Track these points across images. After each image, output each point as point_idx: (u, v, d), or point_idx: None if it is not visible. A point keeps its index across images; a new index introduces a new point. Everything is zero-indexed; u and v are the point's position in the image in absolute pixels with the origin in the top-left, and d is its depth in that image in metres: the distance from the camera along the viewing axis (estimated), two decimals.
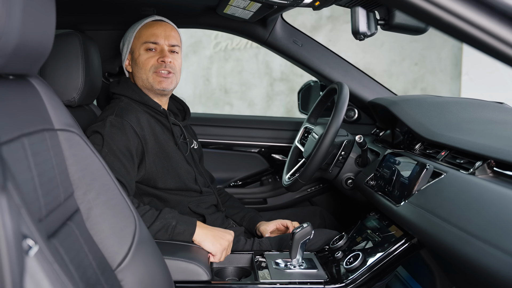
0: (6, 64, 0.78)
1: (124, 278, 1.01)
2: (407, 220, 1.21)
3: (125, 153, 1.44)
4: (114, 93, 1.64)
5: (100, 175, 1.04)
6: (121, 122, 1.47)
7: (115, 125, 1.46)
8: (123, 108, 1.54)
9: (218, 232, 1.43)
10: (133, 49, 1.65)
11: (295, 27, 2.07)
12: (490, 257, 0.84)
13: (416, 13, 0.65)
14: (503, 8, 0.59)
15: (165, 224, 1.37)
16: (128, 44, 1.67)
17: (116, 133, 1.45)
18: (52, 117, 0.97)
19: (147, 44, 1.61)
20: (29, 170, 0.80)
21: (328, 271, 1.39)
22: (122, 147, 1.44)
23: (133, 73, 1.66)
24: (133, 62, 1.65)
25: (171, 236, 1.37)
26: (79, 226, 0.96)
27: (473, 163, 1.14)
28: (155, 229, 1.35)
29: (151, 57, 1.61)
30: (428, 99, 1.75)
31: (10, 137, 0.76)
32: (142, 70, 1.61)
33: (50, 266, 0.65)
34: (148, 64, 1.60)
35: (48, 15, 0.86)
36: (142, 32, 1.63)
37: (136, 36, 1.64)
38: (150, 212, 1.38)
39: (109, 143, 1.43)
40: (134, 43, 1.64)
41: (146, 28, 1.64)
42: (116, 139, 1.44)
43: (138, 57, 1.62)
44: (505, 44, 0.59)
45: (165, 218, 1.38)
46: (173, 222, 1.38)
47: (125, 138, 1.46)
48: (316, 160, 1.56)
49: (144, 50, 1.61)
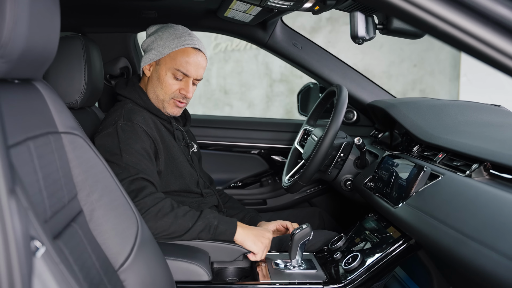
0: (13, 69, 0.79)
1: (127, 278, 1.03)
2: (405, 222, 1.23)
3: (144, 154, 1.44)
4: (119, 94, 1.63)
5: (102, 177, 1.06)
6: (131, 125, 1.47)
7: (126, 130, 1.45)
8: (129, 110, 1.53)
9: (258, 231, 1.45)
10: (161, 63, 1.59)
11: (295, 30, 2.09)
12: (486, 258, 0.86)
13: (412, 22, 0.67)
14: (496, 18, 0.60)
15: (208, 224, 1.38)
16: (157, 54, 1.59)
17: (129, 137, 1.44)
18: (56, 120, 0.99)
19: (177, 72, 1.56)
20: (35, 172, 0.82)
21: (327, 271, 1.41)
22: (139, 149, 1.44)
23: (150, 80, 1.62)
24: (155, 72, 1.60)
25: (213, 236, 1.39)
26: (82, 227, 0.98)
27: (470, 165, 1.15)
28: (198, 229, 1.37)
29: (175, 84, 1.58)
30: (426, 101, 1.77)
31: (16, 140, 0.78)
32: (162, 90, 1.59)
33: (57, 267, 0.66)
34: (170, 90, 1.58)
35: (53, 20, 0.88)
36: (177, 56, 1.57)
37: (171, 55, 1.57)
38: (191, 212, 1.39)
39: (127, 148, 1.42)
40: (165, 60, 1.58)
41: (183, 55, 1.57)
42: (131, 143, 1.43)
43: (164, 76, 1.58)
44: (499, 52, 0.61)
45: (207, 218, 1.39)
46: (215, 222, 1.39)
47: (140, 140, 1.45)
48: (315, 162, 1.58)
49: (171, 74, 1.57)
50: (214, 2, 1.68)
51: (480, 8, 0.62)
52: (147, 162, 1.43)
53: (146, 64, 1.62)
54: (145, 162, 1.43)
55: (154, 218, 1.33)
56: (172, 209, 1.37)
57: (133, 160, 1.40)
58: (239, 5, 1.53)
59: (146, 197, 1.35)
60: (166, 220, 1.34)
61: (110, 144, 1.44)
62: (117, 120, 1.48)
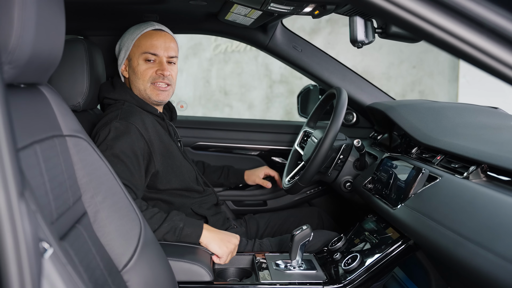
0: (20, 74, 0.81)
1: (130, 279, 1.05)
2: (404, 223, 1.25)
3: (130, 156, 1.44)
4: (109, 98, 1.63)
5: (106, 179, 1.08)
6: (126, 125, 1.48)
7: (119, 129, 1.46)
8: (127, 111, 1.54)
9: (224, 235, 1.46)
10: (131, 56, 1.64)
11: (295, 33, 2.11)
12: (482, 259, 0.88)
13: (410, 29, 0.68)
14: (491, 26, 0.62)
15: (173, 226, 1.39)
16: (126, 50, 1.65)
17: (120, 137, 1.45)
18: (60, 123, 1.01)
19: (146, 55, 1.60)
20: (41, 175, 0.84)
21: (327, 272, 1.43)
22: (126, 150, 1.44)
23: (129, 79, 1.66)
24: (130, 69, 1.65)
25: (179, 238, 1.39)
26: (87, 229, 1.00)
27: (467, 167, 1.17)
28: (163, 231, 1.38)
29: (149, 68, 1.61)
30: (424, 104, 1.79)
31: (24, 144, 0.80)
32: (140, 80, 1.62)
33: (64, 268, 0.68)
34: (147, 75, 1.61)
35: (58, 25, 0.90)
36: (141, 41, 1.62)
37: (135, 44, 1.63)
38: (158, 215, 1.40)
39: (112, 147, 1.42)
40: (133, 51, 1.63)
41: (146, 38, 1.62)
42: (119, 142, 1.44)
43: (137, 66, 1.61)
44: (493, 58, 0.63)
45: (172, 220, 1.40)
46: (181, 224, 1.40)
47: (130, 140, 1.45)
48: (315, 163, 1.59)
49: (142, 60, 1.61)
50: (215, 6, 1.70)
51: (475, 16, 0.64)
52: (128, 164, 1.43)
53: (122, 67, 1.68)
54: (126, 164, 1.42)
55: None
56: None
57: (113, 161, 1.40)
58: (240, 9, 1.55)
59: None
60: None
61: (98, 140, 1.46)
62: (112, 120, 1.49)
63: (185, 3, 1.66)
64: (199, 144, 2.26)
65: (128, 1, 1.65)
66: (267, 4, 1.32)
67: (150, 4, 1.68)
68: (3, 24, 0.72)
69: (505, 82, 0.67)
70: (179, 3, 1.67)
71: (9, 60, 0.75)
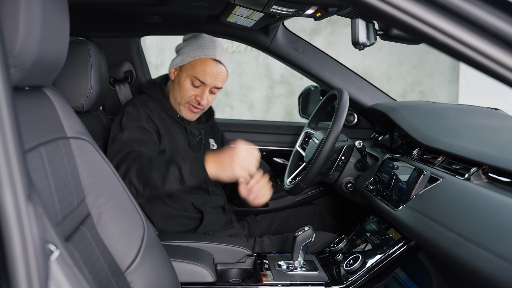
0: (25, 78, 0.82)
1: (134, 280, 1.06)
2: (405, 224, 1.25)
3: (143, 130, 1.56)
4: (143, 91, 1.76)
5: (110, 181, 1.09)
6: (137, 110, 1.61)
7: (131, 114, 1.59)
8: (139, 99, 1.68)
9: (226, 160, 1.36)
10: (183, 69, 1.70)
11: (296, 34, 2.12)
12: (484, 260, 0.88)
13: (411, 32, 0.69)
14: (493, 30, 0.63)
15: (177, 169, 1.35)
16: (181, 60, 1.70)
17: (132, 118, 1.58)
18: (64, 125, 1.01)
19: (194, 79, 1.66)
20: (46, 178, 0.84)
21: (329, 272, 1.44)
22: (139, 127, 1.56)
23: (173, 83, 1.74)
24: (177, 77, 1.72)
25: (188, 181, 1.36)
26: (91, 230, 1.00)
27: (469, 169, 1.18)
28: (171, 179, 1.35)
29: (192, 90, 1.68)
30: (425, 105, 1.79)
31: (29, 146, 0.80)
32: (180, 94, 1.70)
33: (70, 270, 0.69)
34: (187, 95, 1.69)
35: (63, 28, 0.90)
36: (197, 64, 1.67)
37: (191, 63, 1.68)
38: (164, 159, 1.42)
39: (128, 125, 1.55)
40: (186, 66, 1.69)
41: (202, 64, 1.66)
42: (132, 121, 1.57)
43: (183, 81, 1.69)
44: (495, 62, 0.64)
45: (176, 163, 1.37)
46: (184, 165, 1.36)
47: (142, 121, 1.58)
48: (317, 165, 1.60)
49: (189, 80, 1.67)
50: (217, 8, 1.70)
51: (477, 20, 0.64)
52: (145, 136, 1.55)
53: (172, 68, 1.75)
54: (142, 138, 1.53)
55: (136, 175, 1.36)
56: (150, 163, 1.39)
57: (131, 137, 1.51)
58: (242, 10, 1.56)
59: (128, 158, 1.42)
60: (144, 174, 1.36)
61: (115, 126, 1.58)
62: (125, 107, 1.64)
63: (187, 5, 1.66)
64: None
65: (130, 3, 1.66)
66: (269, 6, 1.32)
67: (152, 6, 1.68)
68: (9, 28, 0.72)
69: (507, 85, 0.68)
70: (181, 5, 1.68)
71: (14, 64, 0.75)
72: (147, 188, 1.36)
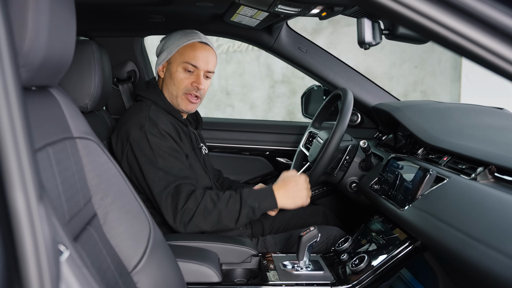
0: (33, 77, 0.82)
1: (140, 280, 1.05)
2: (411, 224, 1.25)
3: (174, 154, 1.52)
4: (140, 95, 1.69)
5: (116, 181, 1.08)
6: (157, 129, 1.53)
7: (154, 134, 1.52)
8: (153, 114, 1.58)
9: (293, 189, 1.55)
10: (172, 60, 1.67)
11: (300, 34, 2.11)
12: (492, 260, 0.88)
13: (421, 31, 0.69)
14: (505, 29, 0.63)
15: (250, 209, 1.47)
16: (168, 53, 1.68)
17: (158, 141, 1.51)
18: (71, 125, 1.01)
19: (187, 65, 1.64)
20: (54, 178, 0.84)
21: (334, 272, 1.43)
22: (169, 150, 1.52)
23: (164, 80, 1.70)
24: (167, 72, 1.69)
25: (259, 215, 1.50)
26: (97, 230, 1.00)
27: (475, 168, 1.17)
28: (243, 219, 1.47)
29: (186, 78, 1.66)
30: (429, 104, 1.79)
31: (37, 146, 0.80)
32: (175, 86, 1.67)
33: (80, 270, 0.68)
34: (182, 84, 1.66)
35: (70, 28, 0.90)
36: (185, 50, 1.65)
37: (179, 51, 1.66)
38: (232, 200, 1.47)
39: (159, 152, 1.49)
40: (175, 57, 1.67)
41: (190, 48, 1.66)
42: (161, 145, 1.51)
43: (175, 72, 1.66)
44: (508, 62, 0.63)
45: (248, 205, 1.47)
46: (256, 204, 1.47)
47: (169, 142, 1.53)
48: (321, 164, 1.60)
49: (182, 69, 1.65)
50: (221, 7, 1.70)
51: (488, 19, 0.64)
52: (179, 163, 1.51)
53: (159, 67, 1.71)
54: (178, 163, 1.50)
55: (203, 220, 1.43)
56: (215, 205, 1.44)
57: (167, 165, 1.47)
58: (246, 10, 1.55)
59: (187, 202, 1.42)
60: (213, 217, 1.43)
61: (143, 149, 1.50)
62: (143, 124, 1.54)
63: (191, 4, 1.66)
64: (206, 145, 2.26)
65: (134, 3, 1.65)
66: (274, 5, 1.32)
67: (156, 5, 1.68)
68: (17, 28, 0.72)
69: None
70: (185, 4, 1.68)
71: (23, 64, 0.75)
72: (216, 228, 1.46)
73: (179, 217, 1.42)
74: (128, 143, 1.52)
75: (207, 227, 1.44)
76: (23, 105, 0.57)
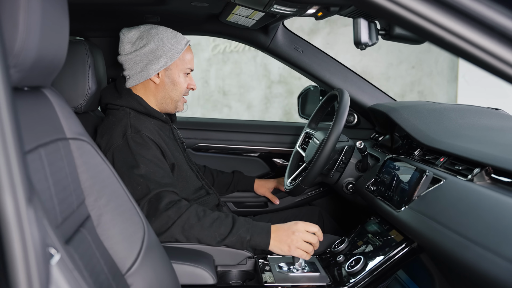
0: (25, 78, 0.80)
1: (134, 282, 1.04)
2: (408, 225, 1.24)
3: (157, 162, 1.46)
4: (115, 104, 1.59)
5: (110, 182, 1.07)
6: (140, 136, 1.47)
7: (136, 141, 1.46)
8: (135, 121, 1.52)
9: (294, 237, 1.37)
10: (172, 67, 1.62)
11: (296, 34, 2.11)
12: (489, 262, 0.87)
13: (417, 32, 0.68)
14: (501, 30, 0.62)
15: (239, 239, 1.37)
16: (168, 60, 1.59)
17: (141, 148, 1.46)
18: (64, 126, 1.00)
19: (187, 70, 1.65)
20: (46, 179, 0.83)
21: (330, 274, 1.43)
22: (152, 158, 1.45)
23: (159, 86, 1.63)
24: (168, 78, 1.62)
25: (246, 248, 1.40)
26: (90, 232, 0.99)
27: (472, 169, 1.17)
28: (230, 244, 1.37)
29: (185, 82, 1.66)
30: (426, 105, 1.78)
31: (29, 148, 0.79)
32: (177, 92, 1.64)
33: (71, 274, 0.67)
34: (183, 88, 1.66)
35: (62, 28, 0.89)
36: (185, 56, 1.64)
37: (181, 58, 1.63)
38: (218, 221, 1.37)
39: (142, 159, 1.43)
40: (176, 63, 1.62)
41: (188, 53, 1.66)
42: (143, 153, 1.45)
43: (178, 78, 1.63)
44: (505, 63, 0.63)
45: (238, 234, 1.37)
46: (247, 236, 1.37)
47: (151, 149, 1.47)
48: (317, 165, 1.59)
49: (183, 74, 1.64)
50: (217, 7, 1.69)
51: (485, 20, 0.63)
52: (162, 171, 1.44)
53: (155, 74, 1.60)
54: (161, 171, 1.44)
55: (181, 231, 1.35)
56: (198, 219, 1.36)
57: (150, 171, 1.41)
58: (242, 10, 1.55)
59: (168, 209, 1.35)
60: (193, 232, 1.35)
61: (125, 157, 1.44)
62: (125, 132, 1.48)
63: (187, 4, 1.65)
64: (199, 145, 2.26)
65: (129, 3, 1.64)
66: (270, 5, 1.31)
67: (151, 5, 1.67)
68: (8, 28, 0.71)
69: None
70: (181, 4, 1.66)
71: (14, 64, 0.74)
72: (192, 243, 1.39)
73: (156, 224, 1.34)
74: (111, 152, 1.46)
75: (183, 241, 1.37)
76: (12, 106, 0.56)
